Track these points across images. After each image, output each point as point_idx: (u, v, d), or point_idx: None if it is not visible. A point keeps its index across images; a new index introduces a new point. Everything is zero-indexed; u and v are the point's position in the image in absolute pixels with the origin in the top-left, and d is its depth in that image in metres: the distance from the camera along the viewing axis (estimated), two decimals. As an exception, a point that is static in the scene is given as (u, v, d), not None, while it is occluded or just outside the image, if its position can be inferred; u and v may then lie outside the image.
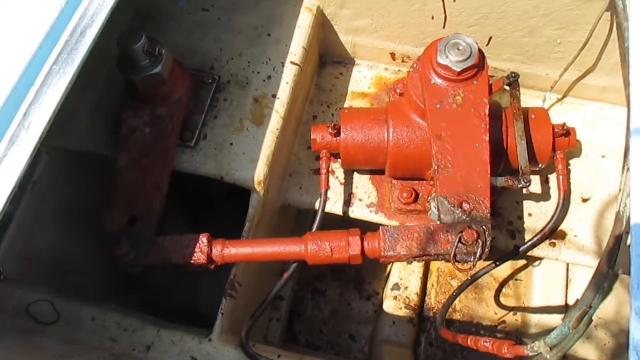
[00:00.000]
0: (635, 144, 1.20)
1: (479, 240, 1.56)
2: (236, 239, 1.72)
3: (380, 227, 1.65)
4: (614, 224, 1.30)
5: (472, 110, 1.71)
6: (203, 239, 1.67)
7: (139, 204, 1.75)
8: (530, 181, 1.74)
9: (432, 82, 1.74)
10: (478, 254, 1.57)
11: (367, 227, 1.72)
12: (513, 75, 1.70)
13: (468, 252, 1.58)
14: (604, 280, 1.24)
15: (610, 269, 1.25)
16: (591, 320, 1.24)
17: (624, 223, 1.26)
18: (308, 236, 1.67)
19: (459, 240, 1.56)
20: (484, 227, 1.59)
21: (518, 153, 1.77)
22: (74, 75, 1.26)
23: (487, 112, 1.71)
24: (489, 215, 1.62)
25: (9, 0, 1.28)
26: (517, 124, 1.78)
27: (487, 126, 1.70)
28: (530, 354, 1.30)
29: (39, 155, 1.95)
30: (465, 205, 1.63)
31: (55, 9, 1.27)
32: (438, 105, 1.72)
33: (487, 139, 1.69)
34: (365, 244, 1.64)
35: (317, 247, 1.64)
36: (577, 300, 1.25)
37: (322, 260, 1.65)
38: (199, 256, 1.66)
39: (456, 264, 1.59)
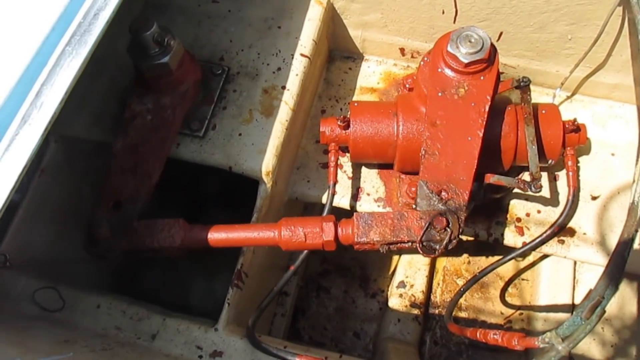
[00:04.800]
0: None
1: (448, 229, 1.55)
2: (212, 224, 1.67)
3: (355, 213, 1.62)
4: (627, 214, 1.29)
5: (473, 104, 1.70)
6: (177, 223, 1.64)
7: (126, 190, 1.72)
8: (541, 187, 1.71)
9: (439, 70, 1.74)
10: (444, 243, 1.55)
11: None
12: (524, 80, 1.67)
13: (440, 239, 1.56)
14: (618, 270, 1.23)
15: (624, 259, 1.24)
16: (604, 312, 1.23)
17: (639, 214, 1.25)
18: (283, 222, 1.63)
19: (429, 226, 1.56)
20: (457, 216, 1.58)
21: (529, 158, 1.75)
22: (87, 57, 1.26)
23: (487, 109, 1.69)
24: (464, 207, 1.61)
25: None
26: (528, 129, 1.76)
27: (484, 123, 1.68)
28: (542, 345, 1.28)
29: (47, 143, 1.94)
30: (444, 194, 1.63)
31: (70, -10, 1.27)
32: (440, 94, 1.72)
33: (481, 135, 1.67)
34: (339, 230, 1.61)
35: (291, 233, 1.60)
36: (590, 291, 1.24)
37: (295, 246, 1.61)
38: (172, 240, 1.62)
39: (421, 250, 1.57)
